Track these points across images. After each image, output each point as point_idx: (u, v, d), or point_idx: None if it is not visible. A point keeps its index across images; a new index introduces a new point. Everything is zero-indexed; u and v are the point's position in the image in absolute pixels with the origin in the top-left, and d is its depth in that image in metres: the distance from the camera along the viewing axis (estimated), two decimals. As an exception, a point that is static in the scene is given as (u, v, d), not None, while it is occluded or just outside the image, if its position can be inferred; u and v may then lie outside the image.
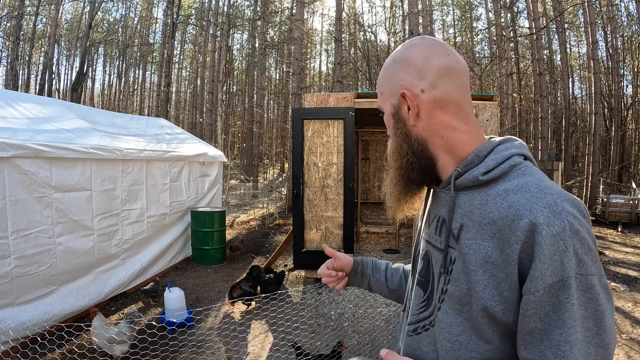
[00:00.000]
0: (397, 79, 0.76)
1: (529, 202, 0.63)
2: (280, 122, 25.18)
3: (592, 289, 0.60)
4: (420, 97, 0.74)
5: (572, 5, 16.41)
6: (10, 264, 2.95)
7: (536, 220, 0.61)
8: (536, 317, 0.61)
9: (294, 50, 11.21)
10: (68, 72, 25.52)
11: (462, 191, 0.73)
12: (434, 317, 0.76)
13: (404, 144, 0.78)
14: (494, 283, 0.65)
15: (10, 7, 17.22)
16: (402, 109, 0.76)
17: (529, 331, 0.63)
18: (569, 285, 0.59)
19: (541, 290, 0.60)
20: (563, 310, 0.59)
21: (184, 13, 23.25)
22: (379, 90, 0.82)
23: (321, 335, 3.54)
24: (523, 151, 0.73)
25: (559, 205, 0.62)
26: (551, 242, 0.59)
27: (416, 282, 0.84)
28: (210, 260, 5.69)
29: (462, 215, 0.72)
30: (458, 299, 0.70)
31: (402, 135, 0.78)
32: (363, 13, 24.98)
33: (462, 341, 0.70)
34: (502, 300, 0.64)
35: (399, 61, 0.77)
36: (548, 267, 0.59)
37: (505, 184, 0.68)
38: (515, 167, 0.70)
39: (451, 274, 0.71)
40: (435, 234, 0.79)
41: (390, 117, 0.80)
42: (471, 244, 0.68)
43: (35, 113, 3.75)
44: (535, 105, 14.22)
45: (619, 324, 3.88)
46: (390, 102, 0.79)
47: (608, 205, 9.37)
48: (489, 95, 4.82)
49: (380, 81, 0.82)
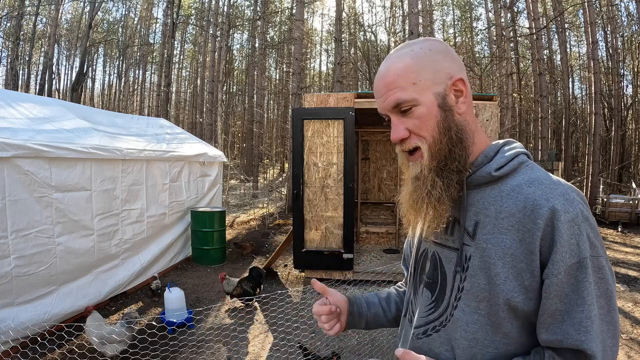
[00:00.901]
0: (443, 67, 0.73)
1: (544, 192, 0.67)
2: (280, 122, 25.19)
3: (603, 269, 0.65)
4: (468, 86, 0.75)
5: (572, 5, 16.41)
6: (10, 264, 2.95)
7: (554, 208, 0.64)
8: (557, 299, 0.64)
9: (294, 50, 11.21)
10: (68, 72, 25.55)
11: (472, 189, 0.75)
12: (446, 317, 0.76)
13: (464, 136, 0.74)
14: (514, 274, 0.67)
15: (10, 7, 17.22)
16: (450, 97, 0.73)
17: (550, 313, 0.65)
18: (586, 265, 0.63)
19: (562, 272, 0.63)
20: (582, 289, 0.63)
21: (184, 13, 23.25)
22: (410, 81, 0.72)
23: (321, 335, 3.53)
24: (525, 151, 0.77)
25: (570, 195, 0.67)
26: (568, 227, 0.64)
27: (424, 284, 0.83)
28: (210, 260, 5.69)
29: (475, 213, 0.73)
30: (475, 295, 0.71)
31: (454, 127, 0.73)
32: (363, 13, 25.02)
33: (479, 338, 0.71)
34: (523, 290, 0.67)
35: (441, 51, 0.75)
36: (567, 250, 0.63)
37: (516, 179, 0.72)
38: (523, 164, 0.74)
39: (467, 270, 0.72)
40: (445, 234, 0.79)
41: (437, 108, 0.73)
42: (489, 239, 0.70)
43: (35, 113, 3.75)
44: (535, 105, 14.22)
45: (619, 323, 3.87)
46: (432, 91, 0.73)
47: (608, 205, 9.37)
48: (489, 95, 4.82)
49: (412, 70, 0.72)
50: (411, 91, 0.72)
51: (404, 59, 0.74)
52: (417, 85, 0.72)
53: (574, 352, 0.64)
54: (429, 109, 0.73)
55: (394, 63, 0.74)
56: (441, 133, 0.73)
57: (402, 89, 0.72)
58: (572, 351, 0.65)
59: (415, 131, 0.74)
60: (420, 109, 0.73)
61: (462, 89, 0.74)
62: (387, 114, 0.77)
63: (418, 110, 0.73)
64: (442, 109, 0.73)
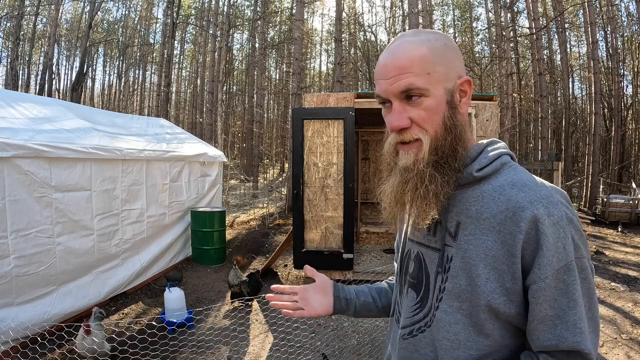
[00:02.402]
0: (455, 65, 0.74)
1: (528, 195, 0.66)
2: (280, 122, 25.19)
3: (586, 269, 0.66)
4: (472, 88, 0.76)
5: (572, 5, 16.41)
6: (10, 264, 2.95)
7: (538, 212, 0.64)
8: (547, 304, 0.64)
9: (294, 50, 11.21)
10: (68, 72, 25.55)
11: (454, 190, 0.73)
12: (430, 318, 0.75)
13: (464, 135, 0.74)
14: (495, 276, 0.66)
15: (10, 7, 17.22)
16: (456, 95, 0.73)
17: (540, 319, 0.65)
18: (572, 268, 0.64)
19: (550, 277, 0.63)
20: (572, 291, 0.64)
21: (184, 13, 23.25)
22: (425, 69, 0.69)
23: (321, 335, 3.53)
24: (509, 152, 0.76)
25: (554, 197, 0.66)
26: (554, 230, 0.63)
27: (409, 285, 0.82)
28: (210, 260, 5.69)
29: (457, 213, 0.73)
30: (457, 295, 0.70)
31: (459, 125, 0.73)
32: (363, 13, 25.01)
33: (462, 339, 0.70)
34: (504, 292, 0.66)
35: (453, 48, 0.74)
36: (553, 253, 0.63)
37: (499, 179, 0.71)
38: (505, 165, 0.73)
39: (449, 271, 0.72)
40: (428, 234, 0.78)
41: (446, 104, 0.72)
42: (470, 240, 0.69)
43: (35, 113, 3.75)
44: (535, 105, 14.23)
45: (619, 323, 3.88)
46: (443, 86, 0.71)
47: (608, 205, 9.37)
48: (489, 95, 4.83)
49: (429, 59, 0.70)
50: (424, 80, 0.69)
51: (420, 47, 0.70)
52: (431, 76, 0.70)
53: (567, 352, 0.65)
54: (438, 102, 0.71)
55: (410, 48, 0.70)
56: (446, 130, 0.71)
57: (417, 75, 0.69)
58: (566, 352, 0.65)
59: (420, 123, 0.71)
60: (430, 100, 0.70)
61: (467, 90, 0.75)
62: (389, 98, 0.73)
63: (427, 101, 0.70)
64: (449, 105, 0.72)
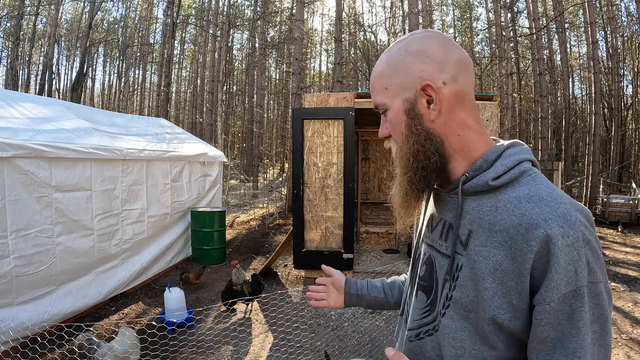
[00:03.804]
0: (414, 71, 0.70)
1: (543, 211, 0.62)
2: (280, 122, 25.19)
3: (600, 295, 0.62)
4: (443, 91, 0.69)
5: (572, 5, 16.42)
6: (10, 264, 2.95)
7: (551, 231, 0.60)
8: (549, 327, 0.62)
9: (294, 50, 11.20)
10: (68, 72, 25.56)
11: (469, 196, 0.71)
12: (438, 323, 0.74)
13: (427, 143, 0.71)
14: (502, 291, 0.64)
15: (10, 7, 17.23)
16: (420, 103, 0.70)
17: (541, 340, 0.63)
18: (582, 294, 0.60)
19: (556, 300, 0.60)
20: (577, 318, 0.60)
21: (184, 13, 23.26)
22: (382, 85, 0.73)
23: (321, 335, 3.53)
24: (530, 157, 0.72)
25: (572, 215, 0.62)
26: (566, 252, 0.60)
27: (419, 287, 0.82)
28: (210, 260, 5.69)
29: (470, 222, 0.70)
30: (464, 305, 0.69)
31: (422, 133, 0.71)
32: (363, 13, 25.02)
33: (467, 347, 0.69)
34: (510, 308, 0.64)
35: (414, 52, 0.70)
36: (563, 277, 0.60)
37: (516, 190, 0.67)
38: (524, 173, 0.69)
39: (457, 280, 0.70)
40: (440, 239, 0.76)
41: (403, 114, 0.72)
42: (481, 251, 0.67)
43: (35, 113, 3.75)
44: (535, 105, 14.22)
45: (619, 324, 3.88)
46: (401, 97, 0.72)
47: (608, 205, 9.37)
48: (489, 95, 4.83)
49: (385, 74, 0.73)
50: (382, 96, 0.74)
51: (381, 62, 0.75)
52: (388, 90, 0.73)
53: None
54: (395, 114, 0.74)
55: (376, 66, 0.76)
56: (406, 139, 0.73)
57: (377, 93, 0.75)
58: None
59: (391, 133, 0.76)
60: (389, 113, 0.75)
61: (431, 95, 0.70)
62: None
63: (389, 114, 0.75)
64: (408, 115, 0.72)
